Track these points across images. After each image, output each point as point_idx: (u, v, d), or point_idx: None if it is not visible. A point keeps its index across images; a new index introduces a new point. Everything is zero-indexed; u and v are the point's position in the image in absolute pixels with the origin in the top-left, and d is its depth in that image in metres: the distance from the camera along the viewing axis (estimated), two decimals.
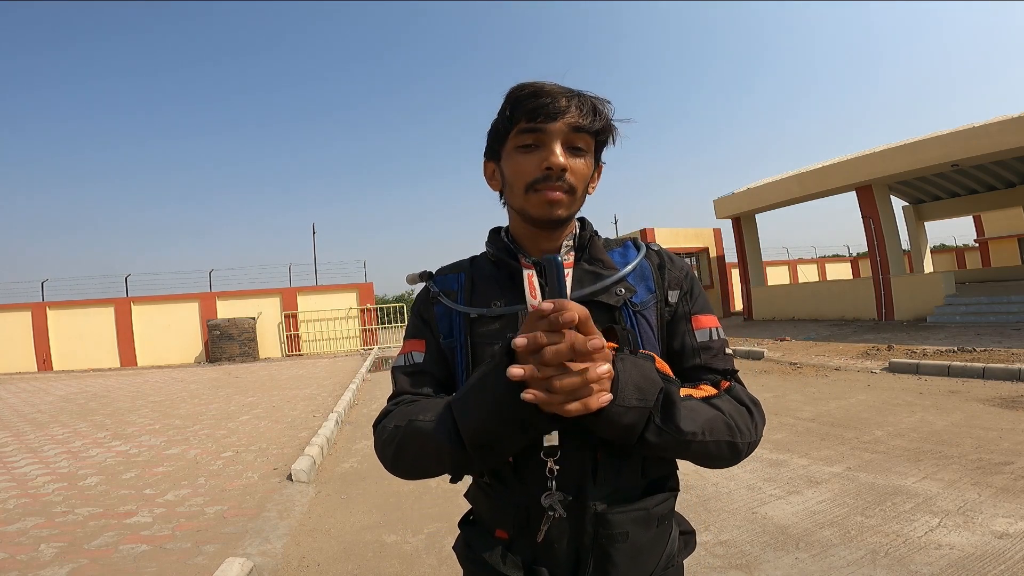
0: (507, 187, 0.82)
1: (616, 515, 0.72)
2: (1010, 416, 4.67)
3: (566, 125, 0.75)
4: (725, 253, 20.61)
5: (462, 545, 0.85)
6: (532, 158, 0.77)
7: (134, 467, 4.78)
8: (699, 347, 0.82)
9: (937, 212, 18.59)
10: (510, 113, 0.78)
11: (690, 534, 0.86)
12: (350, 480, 4.25)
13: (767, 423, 0.90)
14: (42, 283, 17.99)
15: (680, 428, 0.66)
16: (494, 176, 0.86)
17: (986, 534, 2.60)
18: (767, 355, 9.27)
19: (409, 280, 0.92)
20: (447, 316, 0.85)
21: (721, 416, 0.72)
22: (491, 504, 0.79)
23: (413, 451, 0.73)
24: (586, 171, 0.79)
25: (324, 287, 19.82)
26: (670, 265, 0.86)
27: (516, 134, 0.78)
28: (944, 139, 11.54)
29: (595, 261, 0.84)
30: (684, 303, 0.84)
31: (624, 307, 0.80)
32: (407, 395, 0.82)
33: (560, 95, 0.76)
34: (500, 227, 0.92)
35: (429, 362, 0.84)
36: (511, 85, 0.80)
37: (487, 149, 0.86)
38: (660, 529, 0.76)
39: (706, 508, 3.16)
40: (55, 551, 3.03)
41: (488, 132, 0.85)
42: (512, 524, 0.75)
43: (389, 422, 0.78)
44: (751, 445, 0.75)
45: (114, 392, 10.68)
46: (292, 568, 2.80)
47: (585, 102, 0.77)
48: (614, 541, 0.71)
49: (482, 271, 0.87)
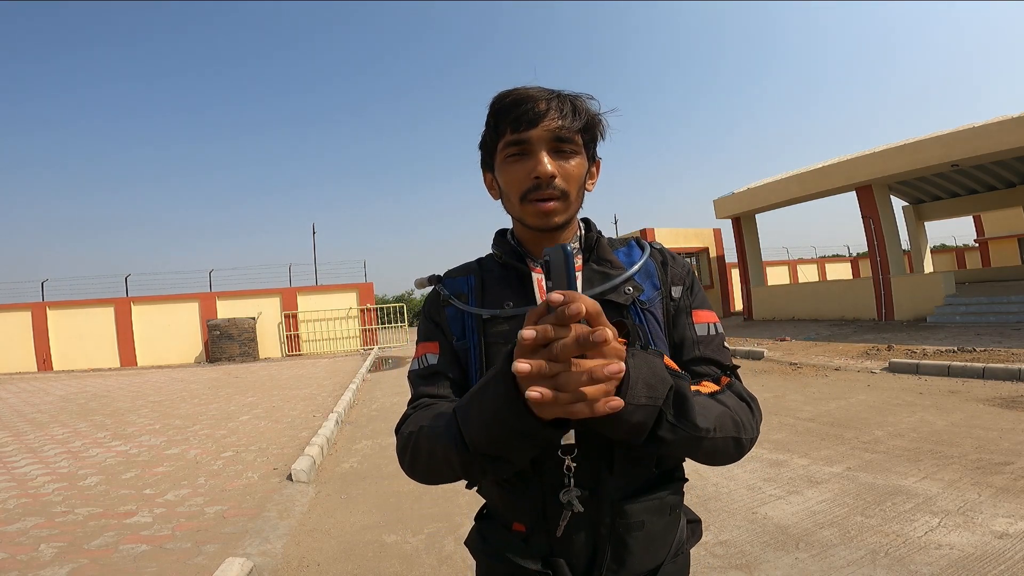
0: (504, 197, 0.84)
1: (633, 505, 0.74)
2: (1010, 416, 4.67)
3: (547, 131, 0.76)
4: (725, 253, 20.63)
5: (477, 539, 0.85)
6: (521, 168, 0.78)
7: (134, 467, 4.78)
8: (699, 340, 0.84)
9: (937, 212, 18.60)
10: (494, 124, 0.80)
11: (696, 523, 0.88)
12: (350, 480, 4.25)
13: (767, 423, 0.90)
14: (42, 283, 18.03)
15: (696, 424, 0.65)
16: (492, 185, 0.88)
17: (986, 534, 2.60)
18: (767, 355, 9.27)
19: (418, 284, 0.92)
20: (459, 318, 0.85)
21: (728, 412, 0.72)
22: (507, 499, 0.79)
23: (425, 458, 0.73)
24: (578, 172, 0.80)
25: (324, 287, 19.84)
26: (672, 262, 0.88)
27: (503, 146, 0.79)
28: (944, 139, 11.54)
29: (603, 261, 0.85)
30: (686, 298, 0.86)
31: (633, 305, 0.81)
32: (425, 398, 0.83)
33: (539, 99, 0.77)
34: (506, 229, 0.92)
35: (443, 363, 0.85)
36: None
37: (482, 160, 0.88)
38: (672, 517, 0.79)
39: (706, 508, 3.16)
40: (55, 551, 3.03)
41: (479, 144, 0.87)
42: (529, 518, 0.76)
43: (407, 428, 0.78)
44: (752, 441, 0.76)
45: (114, 392, 10.68)
46: (292, 568, 2.80)
47: (565, 102, 0.78)
48: (631, 530, 0.73)
49: (491, 273, 0.88)
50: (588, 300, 0.53)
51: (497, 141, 0.81)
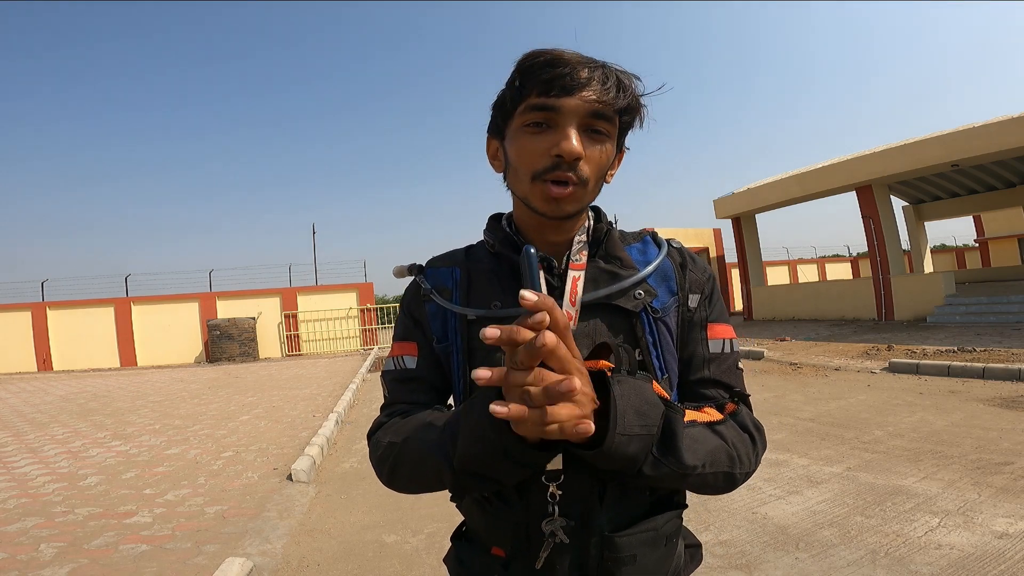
0: (510, 170, 0.72)
1: (624, 538, 0.66)
2: (1010, 416, 4.67)
3: (584, 102, 0.64)
4: (725, 253, 20.64)
5: (454, 561, 0.79)
6: (541, 141, 0.66)
7: (134, 467, 4.78)
8: (710, 358, 0.75)
9: (937, 212, 18.60)
10: (520, 84, 0.67)
11: (696, 547, 0.80)
12: (350, 480, 4.25)
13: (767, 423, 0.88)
14: (42, 283, 18.01)
15: (682, 461, 0.60)
16: (497, 155, 0.75)
17: (986, 534, 2.60)
18: (767, 355, 9.26)
19: (396, 273, 0.83)
20: (440, 316, 0.76)
21: (724, 446, 0.65)
22: (487, 520, 0.71)
23: (409, 470, 0.68)
24: (604, 160, 0.68)
25: (324, 287, 19.81)
26: (692, 266, 0.78)
27: (525, 110, 0.67)
28: (944, 139, 11.54)
29: (612, 259, 0.75)
30: (703, 308, 0.76)
31: (644, 313, 0.71)
32: (400, 404, 0.77)
33: (581, 65, 0.65)
34: (501, 213, 0.82)
35: (422, 367, 0.77)
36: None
37: (491, 123, 0.75)
38: (667, 548, 0.71)
39: (706, 508, 3.16)
40: (55, 551, 3.03)
41: (493, 104, 0.73)
42: (510, 544, 0.69)
43: (383, 436, 0.72)
44: (747, 475, 0.69)
45: (114, 392, 10.68)
46: (292, 568, 2.80)
47: (610, 75, 0.66)
48: (621, 564, 0.66)
49: (480, 265, 0.77)
50: (558, 312, 0.49)
51: (518, 103, 0.67)
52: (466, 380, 0.73)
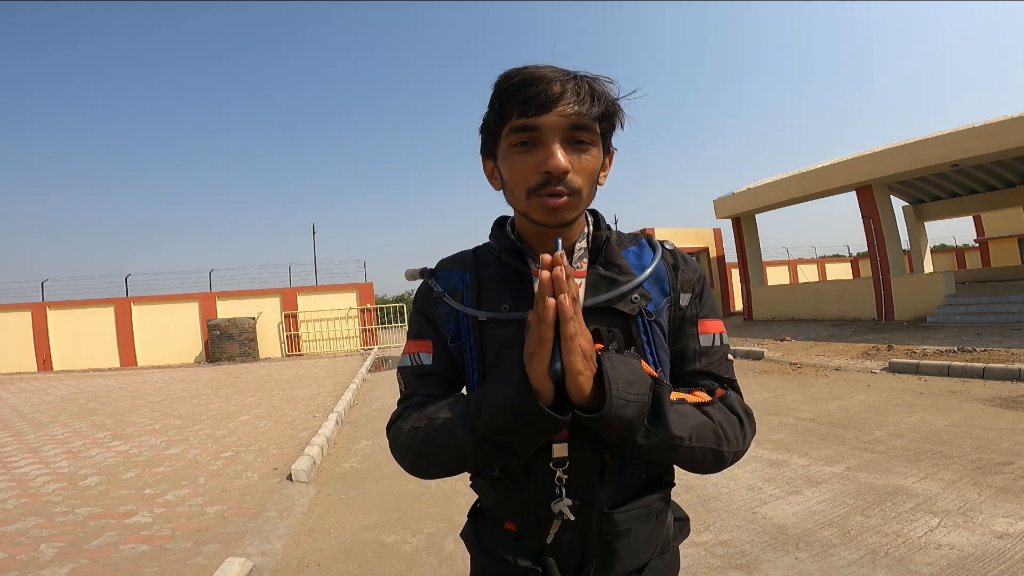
0: (507, 188, 0.76)
1: (621, 514, 0.74)
2: (1010, 416, 4.67)
3: (562, 117, 0.68)
4: (725, 253, 20.64)
5: (472, 534, 0.85)
6: (529, 159, 0.70)
7: (134, 467, 4.78)
8: (701, 351, 0.81)
9: (937, 212, 18.60)
10: (499, 106, 0.71)
11: (684, 520, 0.88)
12: (350, 480, 4.25)
13: (767, 423, 0.90)
14: (42, 283, 18.01)
15: (670, 432, 0.66)
16: (493, 175, 0.80)
17: (986, 534, 2.60)
18: (767, 355, 9.27)
19: (408, 276, 0.87)
20: (453, 317, 0.81)
21: (710, 423, 0.71)
22: (499, 498, 0.79)
23: (433, 448, 0.73)
24: (593, 166, 0.72)
25: (324, 287, 19.83)
26: (684, 266, 0.83)
27: (509, 132, 0.71)
28: (944, 139, 11.54)
29: (611, 266, 0.80)
30: (693, 306, 0.82)
31: (639, 316, 0.77)
32: (417, 396, 0.81)
33: (553, 80, 0.68)
34: (506, 217, 0.86)
35: (437, 363, 0.82)
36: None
37: (482, 146, 0.80)
38: (658, 522, 0.79)
39: (706, 508, 3.16)
40: (55, 551, 3.03)
41: (480, 127, 0.78)
42: (521, 521, 0.77)
43: (404, 424, 0.77)
44: (736, 455, 0.75)
45: (114, 392, 10.68)
46: (292, 568, 2.80)
47: (582, 85, 0.70)
48: (618, 537, 0.74)
49: (488, 269, 0.82)
50: (571, 279, 0.61)
51: (502, 126, 0.71)
52: (480, 376, 0.79)
